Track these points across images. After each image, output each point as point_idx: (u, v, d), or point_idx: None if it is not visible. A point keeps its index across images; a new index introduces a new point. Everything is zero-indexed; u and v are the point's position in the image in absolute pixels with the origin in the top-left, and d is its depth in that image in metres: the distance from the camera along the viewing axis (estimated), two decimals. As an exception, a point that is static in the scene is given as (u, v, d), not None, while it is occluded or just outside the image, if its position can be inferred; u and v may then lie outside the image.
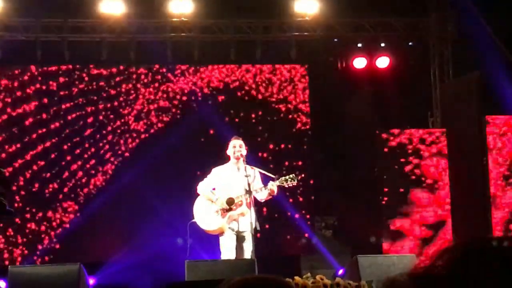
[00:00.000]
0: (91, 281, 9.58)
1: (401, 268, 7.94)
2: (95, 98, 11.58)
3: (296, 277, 7.01)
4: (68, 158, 11.41)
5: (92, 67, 11.59)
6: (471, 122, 11.35)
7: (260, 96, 11.90)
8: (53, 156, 11.38)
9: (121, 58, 11.57)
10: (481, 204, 11.19)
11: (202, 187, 8.30)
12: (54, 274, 7.72)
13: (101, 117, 11.55)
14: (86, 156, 11.46)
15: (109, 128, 11.56)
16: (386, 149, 11.41)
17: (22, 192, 11.22)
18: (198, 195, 8.34)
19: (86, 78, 11.56)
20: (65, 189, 11.35)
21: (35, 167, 11.31)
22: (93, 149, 11.48)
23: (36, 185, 11.30)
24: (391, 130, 11.50)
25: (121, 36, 11.51)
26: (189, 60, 11.74)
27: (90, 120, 11.53)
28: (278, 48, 11.84)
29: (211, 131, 11.62)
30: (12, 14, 11.17)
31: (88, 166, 11.46)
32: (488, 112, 11.20)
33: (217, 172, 8.35)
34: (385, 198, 11.34)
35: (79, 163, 11.43)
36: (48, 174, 11.33)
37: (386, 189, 11.34)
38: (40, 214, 11.25)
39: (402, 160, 11.39)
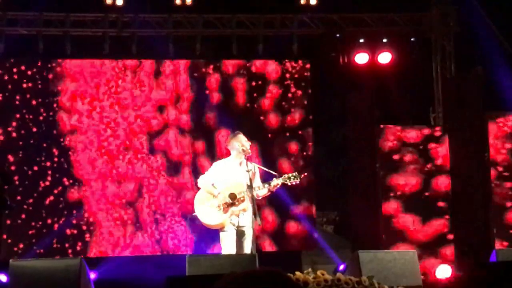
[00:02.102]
0: (92, 276, 9.57)
1: (402, 264, 7.94)
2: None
3: (297, 272, 7.01)
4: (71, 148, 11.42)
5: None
6: (473, 118, 11.34)
7: (261, 91, 11.87)
8: (56, 151, 11.39)
9: (123, 53, 11.56)
10: (481, 200, 11.20)
11: (203, 181, 8.29)
12: (55, 268, 7.72)
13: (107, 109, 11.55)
14: (88, 148, 11.45)
15: (115, 118, 11.55)
16: (387, 144, 11.40)
17: (22, 185, 11.22)
18: (199, 188, 8.33)
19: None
20: (66, 181, 11.35)
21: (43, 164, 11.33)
22: (95, 141, 11.47)
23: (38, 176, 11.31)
24: (393, 126, 11.49)
25: (123, 30, 11.50)
26: (191, 55, 11.73)
27: (97, 112, 11.52)
28: (280, 43, 11.82)
29: (211, 126, 11.63)
30: (14, 8, 11.17)
31: (88, 159, 11.46)
32: (491, 108, 11.20)
33: (218, 167, 8.33)
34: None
35: (82, 154, 11.43)
36: (47, 166, 11.34)
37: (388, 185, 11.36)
38: (41, 208, 11.25)
39: (403, 155, 11.39)
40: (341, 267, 10.38)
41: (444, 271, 11.24)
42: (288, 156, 11.76)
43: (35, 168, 11.26)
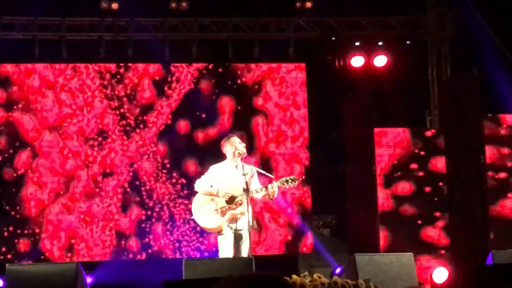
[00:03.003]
0: (89, 280, 9.57)
1: (399, 267, 7.94)
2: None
3: (294, 276, 7.01)
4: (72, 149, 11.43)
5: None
6: (469, 120, 11.36)
7: (258, 95, 11.88)
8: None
9: (119, 57, 11.56)
10: (478, 201, 11.21)
11: (200, 184, 8.27)
12: (51, 272, 7.71)
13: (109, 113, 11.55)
14: (84, 151, 11.45)
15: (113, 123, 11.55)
16: (384, 148, 11.41)
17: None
18: (196, 192, 8.32)
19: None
20: (64, 184, 11.34)
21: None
22: (94, 145, 11.46)
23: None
24: (389, 129, 11.50)
25: (119, 34, 11.51)
26: (187, 58, 11.73)
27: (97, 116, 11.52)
28: (276, 47, 11.83)
29: (208, 128, 11.64)
30: (9, 12, 11.16)
31: (86, 162, 11.45)
32: (486, 111, 11.22)
33: (215, 170, 8.32)
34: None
35: (79, 157, 11.43)
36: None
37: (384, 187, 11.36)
38: (38, 211, 11.24)
39: (400, 157, 11.40)
40: (338, 270, 10.37)
41: (440, 274, 11.22)
42: (284, 159, 11.75)
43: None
